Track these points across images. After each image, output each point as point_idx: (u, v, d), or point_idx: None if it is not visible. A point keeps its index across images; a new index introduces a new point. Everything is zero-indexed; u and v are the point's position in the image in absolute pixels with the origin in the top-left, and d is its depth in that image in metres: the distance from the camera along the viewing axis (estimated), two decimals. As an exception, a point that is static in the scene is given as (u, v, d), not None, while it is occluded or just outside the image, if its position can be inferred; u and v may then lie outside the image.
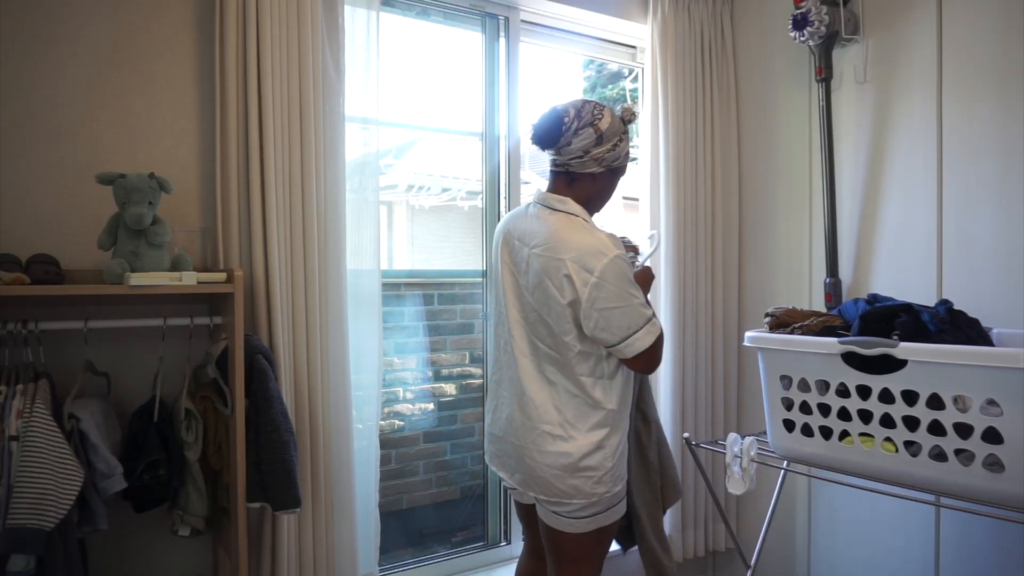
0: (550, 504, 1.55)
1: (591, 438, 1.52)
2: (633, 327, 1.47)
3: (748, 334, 1.77)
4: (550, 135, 1.53)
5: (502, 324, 1.64)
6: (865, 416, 1.55)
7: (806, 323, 1.72)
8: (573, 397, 1.53)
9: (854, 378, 1.55)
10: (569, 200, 1.56)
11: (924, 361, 1.44)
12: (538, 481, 1.54)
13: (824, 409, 1.62)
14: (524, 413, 1.56)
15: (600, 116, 1.54)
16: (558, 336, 1.51)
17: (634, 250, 1.74)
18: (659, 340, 1.52)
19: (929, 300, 1.88)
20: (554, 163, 1.59)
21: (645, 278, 1.67)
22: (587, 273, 1.45)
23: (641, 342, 1.48)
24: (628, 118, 1.60)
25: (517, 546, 2.48)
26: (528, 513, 1.74)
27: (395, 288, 2.56)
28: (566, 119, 1.53)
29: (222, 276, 1.58)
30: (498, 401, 1.65)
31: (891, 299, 1.72)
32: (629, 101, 3.29)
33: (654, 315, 1.53)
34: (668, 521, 2.48)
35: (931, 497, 1.53)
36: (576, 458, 1.51)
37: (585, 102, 1.56)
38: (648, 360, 1.53)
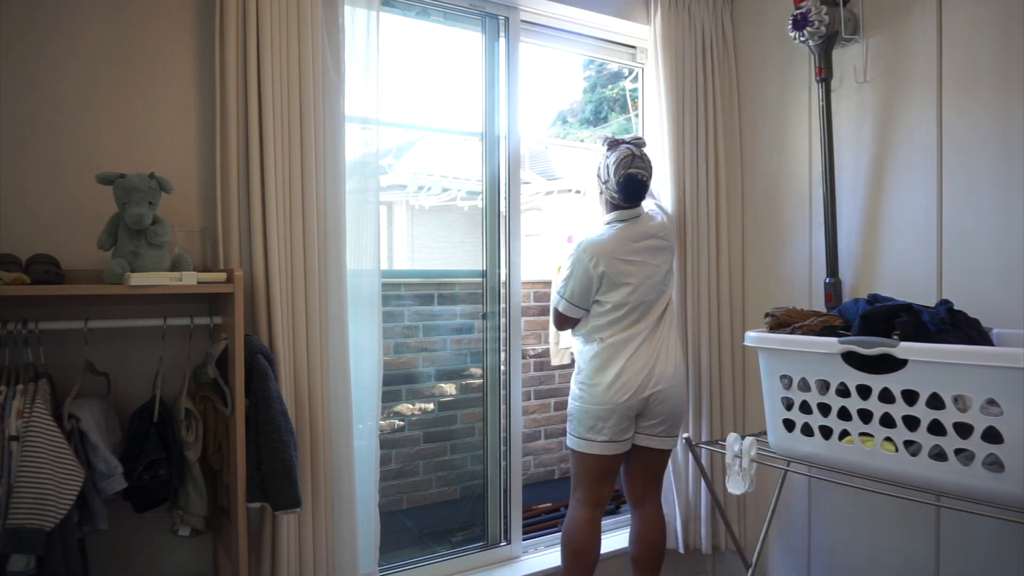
0: (675, 425, 2.19)
1: None
2: None
3: (749, 334, 1.77)
4: (640, 196, 2.20)
5: (645, 305, 2.16)
6: (865, 416, 1.55)
7: (806, 323, 1.73)
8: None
9: (854, 378, 1.55)
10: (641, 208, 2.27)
11: (924, 361, 1.44)
12: (679, 376, 2.19)
13: (824, 409, 1.62)
14: (672, 340, 2.20)
15: (649, 161, 2.19)
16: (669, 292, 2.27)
17: None
18: None
19: (929, 300, 1.88)
20: (633, 203, 2.22)
21: None
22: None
23: None
24: (643, 144, 2.24)
25: (517, 546, 2.48)
26: (616, 462, 2.17)
27: (395, 288, 2.56)
28: (646, 182, 2.18)
29: (222, 276, 1.58)
30: (641, 353, 2.14)
31: (891, 299, 1.72)
32: (629, 102, 3.29)
33: None
34: (670, 523, 2.48)
35: (931, 497, 1.53)
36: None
37: (643, 159, 2.16)
38: None
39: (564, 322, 2.27)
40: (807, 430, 1.67)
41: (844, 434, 1.60)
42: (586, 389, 2.17)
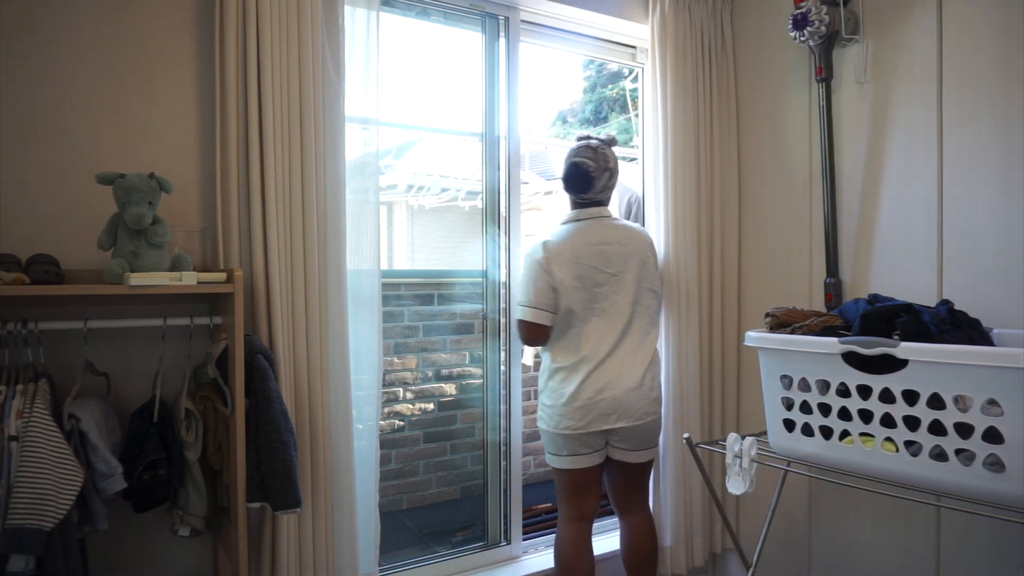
0: (648, 442, 2.12)
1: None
2: None
3: (749, 334, 1.77)
4: (581, 187, 2.12)
5: (600, 314, 2.06)
6: (865, 416, 1.55)
7: (807, 323, 1.72)
8: (656, 337, 2.16)
9: (854, 378, 1.55)
10: (607, 208, 2.17)
11: (925, 361, 1.44)
12: (649, 404, 2.06)
13: (824, 409, 1.62)
14: (640, 363, 2.06)
15: (608, 158, 2.11)
16: (656, 292, 2.17)
17: None
18: None
19: (929, 300, 1.88)
20: (584, 197, 2.14)
21: None
22: (654, 248, 2.22)
23: None
24: (613, 143, 2.18)
25: (517, 546, 2.48)
26: (591, 475, 2.09)
27: (395, 288, 2.56)
28: (592, 173, 2.09)
29: (222, 276, 1.58)
30: (603, 373, 2.02)
31: (892, 299, 1.72)
32: (629, 102, 3.29)
33: None
34: (670, 526, 2.48)
35: (931, 497, 1.53)
36: (660, 371, 2.18)
37: (596, 151, 2.09)
38: None
39: (534, 333, 2.10)
40: (807, 430, 1.67)
41: (844, 434, 1.60)
42: (544, 410, 2.09)
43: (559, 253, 2.06)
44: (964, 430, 1.40)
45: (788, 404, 1.70)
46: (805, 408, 1.66)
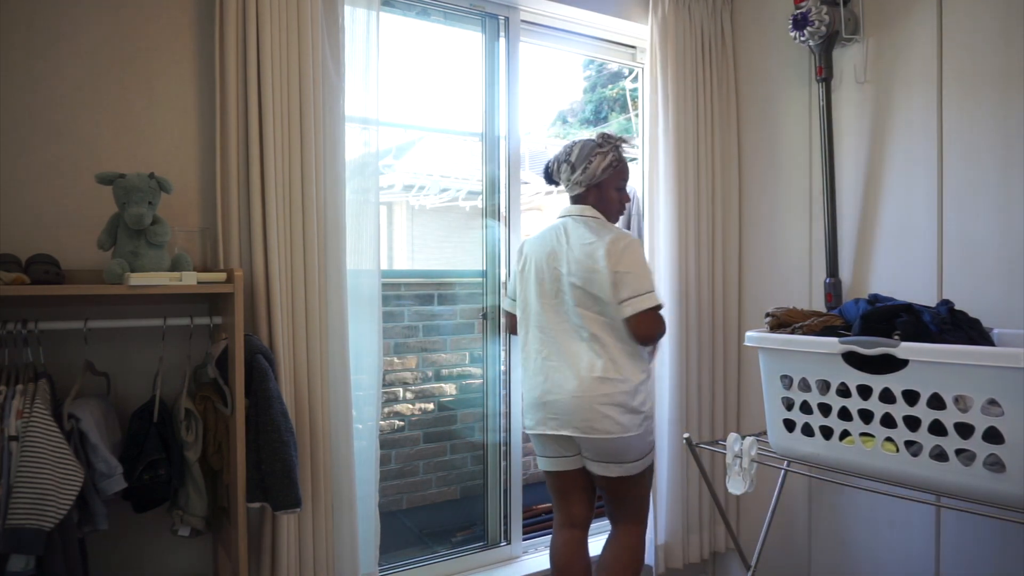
0: (612, 458, 1.92)
1: (639, 376, 1.94)
2: (640, 290, 1.90)
3: (749, 334, 1.77)
4: (545, 176, 2.15)
5: (549, 311, 2.00)
6: (866, 416, 1.55)
7: (807, 323, 1.72)
8: (622, 348, 1.93)
9: (855, 378, 1.55)
10: (589, 207, 2.05)
11: (925, 361, 1.44)
12: (599, 420, 1.89)
13: (824, 409, 1.62)
14: (584, 368, 1.92)
15: (571, 151, 2.04)
16: (604, 300, 1.92)
17: None
18: (655, 311, 1.92)
19: (930, 300, 1.88)
20: (572, 193, 2.10)
21: None
22: (613, 248, 1.91)
23: (641, 302, 1.89)
24: (600, 141, 2.04)
25: (517, 546, 2.48)
26: (571, 480, 2.03)
27: (395, 288, 2.56)
28: (549, 163, 2.10)
29: (222, 276, 1.58)
30: (547, 374, 1.98)
31: (892, 299, 1.72)
32: (629, 102, 3.29)
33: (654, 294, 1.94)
34: (665, 523, 2.48)
35: (931, 497, 1.53)
36: (630, 390, 1.91)
37: (568, 145, 2.06)
38: (644, 324, 1.91)
39: (508, 320, 2.24)
40: (807, 430, 1.67)
41: (845, 434, 1.60)
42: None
43: (526, 245, 2.13)
44: (964, 430, 1.40)
45: (788, 404, 1.70)
46: (805, 408, 1.66)
